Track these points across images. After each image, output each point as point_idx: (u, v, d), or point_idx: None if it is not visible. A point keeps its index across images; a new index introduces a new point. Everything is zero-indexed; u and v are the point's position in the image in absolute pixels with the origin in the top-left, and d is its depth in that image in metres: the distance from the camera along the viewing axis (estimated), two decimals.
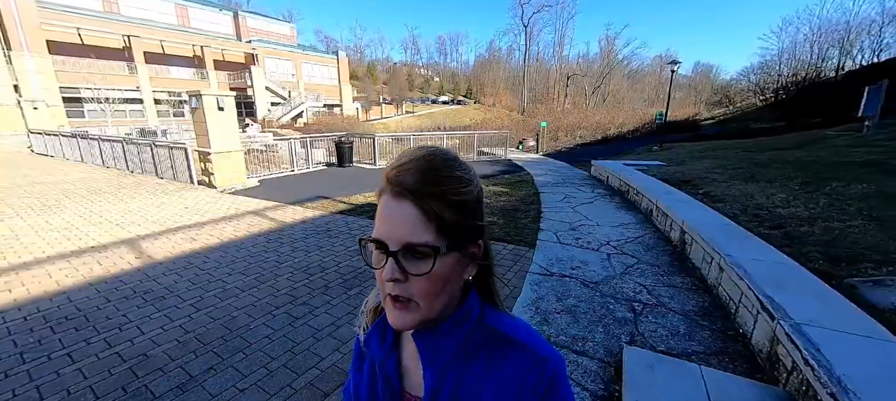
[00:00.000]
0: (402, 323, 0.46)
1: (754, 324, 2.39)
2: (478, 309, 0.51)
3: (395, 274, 0.43)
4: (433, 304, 0.45)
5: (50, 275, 3.55)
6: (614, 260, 3.86)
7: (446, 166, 0.45)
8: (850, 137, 7.89)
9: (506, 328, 0.50)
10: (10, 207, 6.15)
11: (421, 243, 0.42)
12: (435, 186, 0.43)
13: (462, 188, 0.45)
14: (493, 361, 0.48)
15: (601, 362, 2.28)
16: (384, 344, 0.55)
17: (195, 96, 7.34)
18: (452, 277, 0.46)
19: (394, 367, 0.54)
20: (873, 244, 2.98)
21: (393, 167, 0.45)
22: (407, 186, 0.42)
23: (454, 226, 0.44)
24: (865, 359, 1.74)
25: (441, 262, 0.43)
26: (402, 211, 0.43)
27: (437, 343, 0.49)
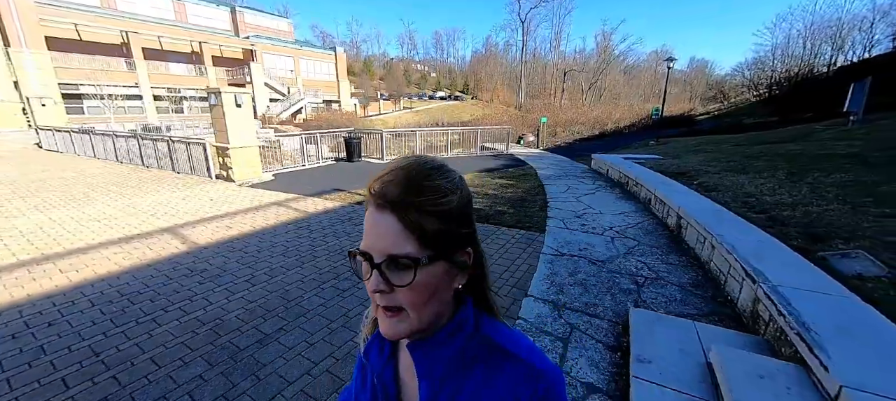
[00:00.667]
0: (393, 332, 0.46)
1: (740, 290, 2.82)
2: (473, 319, 0.51)
3: (379, 285, 0.43)
4: (421, 313, 0.45)
5: (108, 258, 3.91)
6: (617, 243, 4.28)
7: (428, 176, 0.45)
8: (835, 131, 8.38)
9: (502, 339, 0.50)
10: (43, 200, 6.46)
11: (402, 255, 0.42)
12: (416, 197, 0.43)
13: (443, 198, 0.45)
14: (489, 373, 0.48)
15: (611, 322, 2.69)
16: (382, 355, 0.56)
17: (214, 93, 7.64)
18: (440, 287, 0.46)
19: (391, 378, 0.54)
20: (844, 225, 3.42)
21: (376, 179, 0.46)
22: (388, 199, 0.43)
23: (437, 235, 0.44)
24: (826, 310, 2.16)
25: (424, 272, 0.43)
26: (385, 223, 0.43)
27: (432, 355, 0.49)
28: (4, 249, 4.18)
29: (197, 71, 33.95)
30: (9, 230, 4.82)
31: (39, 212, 5.72)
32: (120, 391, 2.05)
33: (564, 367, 2.25)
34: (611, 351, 2.39)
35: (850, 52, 30.06)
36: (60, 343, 2.47)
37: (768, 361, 1.99)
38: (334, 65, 45.17)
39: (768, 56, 34.32)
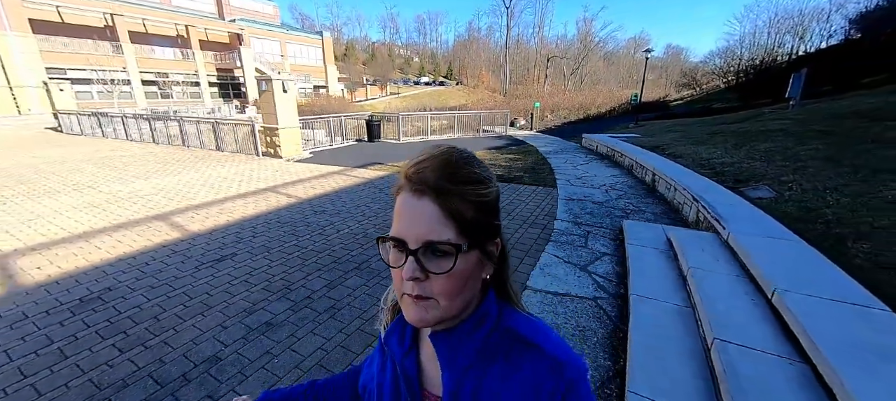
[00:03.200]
0: (420, 319, 0.45)
1: (690, 210, 4.47)
2: (496, 310, 0.51)
3: (415, 273, 0.43)
4: (453, 302, 0.45)
5: (249, 205, 5.24)
6: (610, 193, 5.92)
7: (466, 165, 0.45)
8: (777, 114, 10.31)
9: (524, 330, 0.49)
10: (141, 171, 7.52)
11: (442, 241, 0.42)
12: (455, 185, 0.43)
13: (482, 188, 0.45)
14: (511, 364, 0.47)
15: (611, 229, 4.29)
16: (403, 343, 0.55)
17: (265, 81, 8.77)
18: (472, 276, 0.46)
19: (413, 365, 0.54)
20: (759, 173, 5.14)
21: (412, 165, 0.45)
22: (428, 184, 0.43)
23: (474, 224, 0.44)
24: (732, 210, 3.81)
25: (462, 259, 0.43)
26: (423, 208, 0.43)
27: (456, 345, 0.49)
28: (165, 200, 5.45)
29: (183, 55, 33.52)
30: (140, 192, 5.99)
31: (143, 180, 6.85)
32: (304, 265, 3.48)
33: (588, 245, 3.84)
34: (613, 240, 3.99)
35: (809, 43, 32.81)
36: (264, 241, 3.84)
37: (700, 233, 3.64)
38: (321, 49, 45.08)
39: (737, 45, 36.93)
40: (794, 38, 33.18)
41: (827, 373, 1.68)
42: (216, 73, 35.22)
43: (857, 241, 3.00)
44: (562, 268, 3.39)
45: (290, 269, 3.40)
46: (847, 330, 1.88)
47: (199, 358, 2.23)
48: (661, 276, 2.99)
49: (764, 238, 3.07)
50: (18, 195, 5.85)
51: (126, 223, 4.58)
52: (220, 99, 35.27)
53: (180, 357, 2.24)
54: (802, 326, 1.93)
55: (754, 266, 2.66)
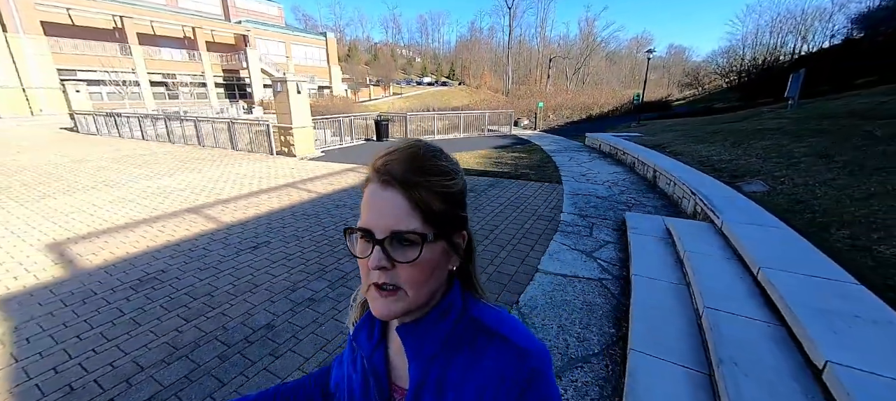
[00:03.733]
0: (387, 312, 0.46)
1: (689, 203, 4.78)
2: (461, 301, 0.52)
3: (381, 262, 0.44)
4: (420, 292, 0.46)
5: (274, 199, 5.57)
6: (613, 188, 6.23)
7: (432, 158, 0.46)
8: (775, 113, 10.58)
9: (489, 320, 0.50)
10: (164, 169, 7.88)
11: (409, 231, 0.43)
12: (422, 176, 0.44)
13: (447, 180, 0.46)
14: (476, 353, 0.48)
15: (614, 221, 4.60)
16: (371, 339, 0.56)
17: (279, 82, 9.11)
18: (438, 266, 0.47)
19: (381, 360, 0.55)
20: (754, 168, 5.44)
21: (380, 157, 0.47)
22: (394, 176, 0.44)
23: (440, 215, 0.45)
24: (727, 202, 4.11)
25: (428, 249, 0.44)
26: (391, 199, 0.44)
27: (422, 336, 0.50)
28: (193, 195, 5.80)
29: (190, 56, 33.95)
30: (168, 187, 6.34)
31: (168, 177, 7.21)
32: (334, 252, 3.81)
33: (593, 235, 4.15)
34: (615, 231, 4.30)
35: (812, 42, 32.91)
36: (294, 231, 4.17)
37: (697, 222, 3.95)
38: (325, 50, 45.50)
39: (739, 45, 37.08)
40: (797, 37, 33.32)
41: (798, 331, 2.00)
42: (222, 74, 35.68)
43: (839, 228, 3.31)
44: (569, 254, 3.71)
45: (321, 254, 3.72)
46: (820, 299, 2.19)
47: (255, 326, 2.56)
48: (660, 259, 3.30)
49: (754, 226, 3.37)
50: (56, 191, 6.21)
51: (162, 216, 4.92)
52: (227, 99, 35.71)
53: (239, 325, 2.57)
54: (781, 295, 2.24)
55: (743, 249, 2.97)
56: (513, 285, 3.10)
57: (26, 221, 4.71)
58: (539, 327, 2.53)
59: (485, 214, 4.92)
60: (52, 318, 2.67)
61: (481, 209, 5.13)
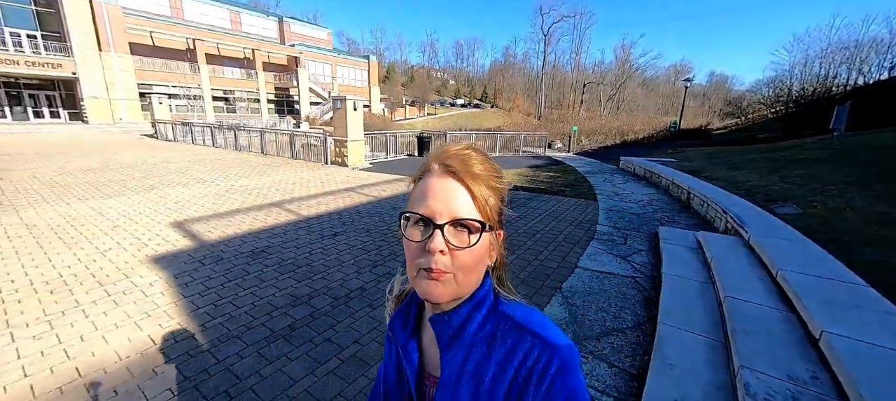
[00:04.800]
0: (437, 294, 0.48)
1: (721, 222, 5.11)
2: (492, 296, 0.55)
3: (442, 245, 0.46)
4: (468, 277, 0.49)
5: (340, 200, 6.42)
6: (647, 207, 6.59)
7: (486, 159, 0.52)
8: (818, 144, 10.46)
9: (519, 315, 0.53)
10: (232, 174, 9.09)
11: (469, 218, 0.47)
12: (480, 171, 0.49)
13: (499, 180, 0.51)
14: (505, 346, 0.50)
15: (647, 234, 5.01)
16: (406, 328, 0.59)
17: (339, 99, 10.24)
18: (484, 257, 0.51)
19: (415, 350, 0.58)
20: (789, 194, 5.67)
21: (440, 152, 0.52)
22: (455, 168, 0.48)
23: (492, 210, 0.50)
24: (759, 219, 4.45)
25: (484, 237, 0.48)
26: (452, 189, 0.48)
27: (453, 327, 0.52)
28: (270, 193, 6.78)
29: (247, 75, 37.20)
30: (248, 187, 7.40)
31: (245, 178, 8.34)
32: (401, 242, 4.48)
33: (627, 243, 4.60)
34: (648, 242, 4.72)
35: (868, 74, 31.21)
36: (363, 225, 4.90)
37: (726, 236, 4.31)
38: (367, 72, 48.31)
39: (786, 75, 35.79)
40: (850, 69, 31.72)
41: (803, 314, 2.42)
42: (274, 92, 38.77)
43: (862, 246, 3.60)
44: (606, 257, 4.19)
45: (390, 243, 4.43)
46: (827, 292, 2.59)
47: (351, 287, 3.26)
48: (689, 264, 3.72)
49: (780, 240, 3.73)
50: (159, 184, 7.41)
51: (252, 207, 5.86)
52: (276, 114, 38.65)
53: (338, 285, 3.27)
54: (793, 289, 2.66)
55: (766, 256, 3.36)
56: (555, 277, 3.62)
57: (147, 206, 5.78)
58: (580, 307, 3.05)
59: (526, 222, 5.47)
60: (196, 273, 3.50)
61: (523, 218, 5.69)
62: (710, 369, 2.17)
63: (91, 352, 2.35)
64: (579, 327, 2.75)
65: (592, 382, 2.19)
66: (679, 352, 2.32)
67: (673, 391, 1.98)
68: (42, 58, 24.42)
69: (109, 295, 3.05)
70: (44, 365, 2.23)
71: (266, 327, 2.66)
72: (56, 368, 2.21)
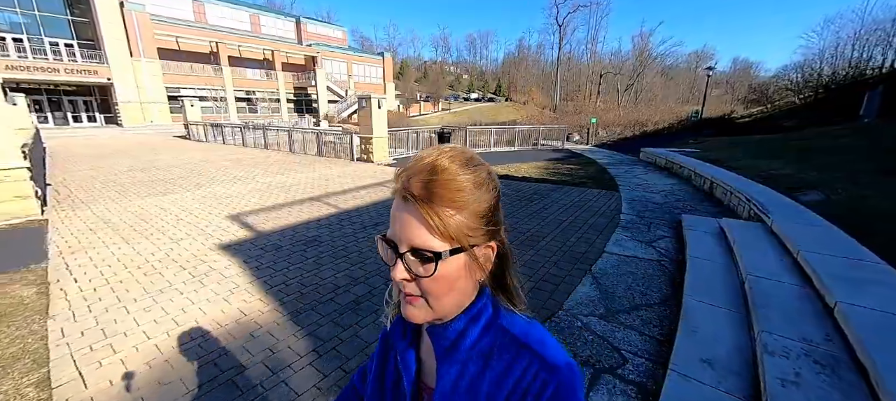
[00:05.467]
0: (413, 317, 0.49)
1: (744, 210, 5.26)
2: (491, 309, 0.53)
3: (404, 274, 0.46)
4: (441, 303, 0.48)
5: (367, 195, 6.83)
6: (669, 196, 6.76)
7: (455, 171, 0.45)
8: (847, 131, 10.27)
9: (518, 331, 0.51)
10: (267, 171, 9.65)
11: (425, 248, 0.44)
12: (441, 192, 0.44)
13: (469, 196, 0.46)
14: (502, 361, 0.50)
15: (670, 221, 5.22)
16: (405, 338, 0.59)
17: (364, 98, 10.66)
18: (461, 278, 0.48)
19: (413, 359, 0.58)
20: (811, 181, 5.75)
21: (403, 170, 0.47)
22: (413, 193, 0.44)
23: (459, 230, 0.45)
24: (781, 206, 4.60)
25: (444, 265, 0.45)
26: (409, 215, 0.45)
27: (449, 339, 0.52)
28: (307, 189, 7.26)
29: (267, 76, 38.19)
30: (285, 183, 7.90)
31: (281, 175, 8.87)
32: None
33: (651, 230, 4.83)
34: (671, 229, 4.94)
35: None
36: None
37: (748, 222, 4.50)
38: (382, 69, 48.83)
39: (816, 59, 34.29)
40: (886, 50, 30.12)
41: (820, 287, 2.65)
42: (293, 91, 39.72)
43: (883, 227, 3.75)
44: (631, 243, 4.44)
45: None
46: (844, 269, 2.80)
47: None
48: (712, 247, 3.95)
49: (802, 225, 3.91)
50: (204, 182, 8.00)
51: (294, 201, 6.34)
52: (296, 113, 39.63)
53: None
54: (813, 268, 2.88)
55: (787, 239, 3.56)
56: (584, 261, 3.91)
57: (199, 202, 6.33)
58: (610, 286, 3.34)
59: (553, 212, 5.75)
60: (262, 258, 3.95)
61: (549, 208, 5.96)
62: (733, 335, 2.44)
63: (195, 320, 2.80)
64: (610, 303, 3.05)
65: (625, 346, 2.49)
66: (703, 321, 2.60)
67: (699, 351, 2.27)
68: (79, 65, 25.84)
69: (194, 277, 3.52)
70: (159, 330, 2.68)
71: (334, 301, 3.06)
72: (170, 332, 2.66)
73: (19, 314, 2.88)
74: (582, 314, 2.88)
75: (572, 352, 2.43)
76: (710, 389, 1.98)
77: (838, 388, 1.82)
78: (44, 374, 2.26)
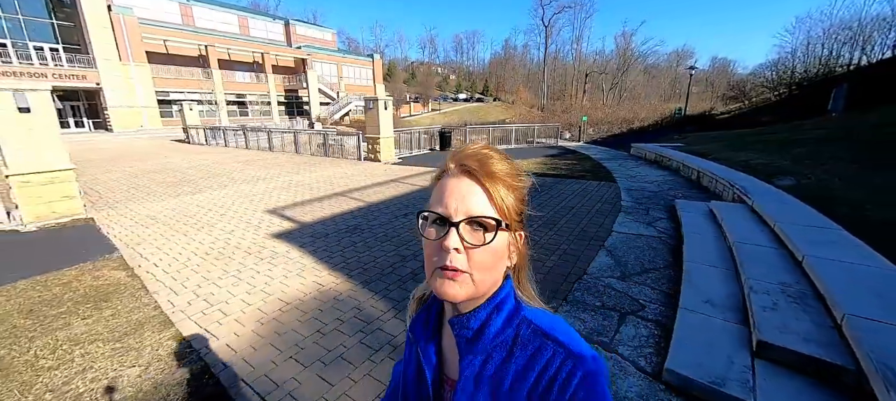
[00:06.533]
0: (451, 293, 0.49)
1: (728, 195, 5.99)
2: (514, 300, 0.54)
3: (456, 243, 0.47)
4: (484, 278, 0.49)
5: (381, 192, 7.34)
6: (661, 185, 7.48)
7: (505, 159, 0.51)
8: (816, 125, 11.27)
9: (543, 323, 0.52)
10: (282, 171, 10.03)
11: (486, 216, 0.47)
12: (496, 170, 0.49)
13: (518, 180, 0.51)
14: (526, 352, 0.50)
15: (665, 206, 5.91)
16: (427, 330, 0.60)
17: (372, 100, 11.14)
18: (502, 257, 0.51)
19: (434, 352, 0.59)
20: (784, 169, 6.54)
21: (458, 152, 0.52)
22: (472, 168, 0.49)
23: (510, 209, 0.49)
24: (760, 190, 5.33)
25: (500, 237, 0.48)
26: (468, 188, 0.48)
27: (473, 329, 0.52)
28: (327, 186, 7.71)
29: (257, 78, 38.04)
30: (304, 181, 8.33)
31: (295, 175, 9.28)
32: None
33: (649, 213, 5.50)
34: (667, 212, 5.62)
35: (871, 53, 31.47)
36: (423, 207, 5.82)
37: (733, 204, 5.21)
38: (372, 70, 49.08)
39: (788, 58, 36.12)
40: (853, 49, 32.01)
41: (791, 247, 3.33)
42: (284, 94, 39.67)
43: (844, 204, 4.49)
44: (634, 224, 5.09)
45: None
46: (810, 234, 3.49)
47: None
48: (704, 224, 4.63)
49: (777, 203, 4.63)
50: (227, 182, 8.37)
51: (322, 197, 6.81)
52: (286, 116, 39.58)
53: None
54: (786, 233, 3.56)
55: (765, 214, 4.26)
56: (596, 239, 4.53)
57: (232, 200, 6.74)
58: (621, 256, 3.96)
59: (560, 200, 6.38)
60: (315, 244, 4.44)
61: (556, 197, 6.59)
62: (725, 285, 3.08)
63: (281, 290, 3.30)
64: (624, 269, 3.67)
65: (642, 297, 3.11)
66: (702, 277, 3.24)
67: (700, 296, 2.90)
68: (67, 70, 25.44)
69: (262, 260, 4.00)
70: (255, 299, 3.18)
71: (395, 273, 3.60)
72: (265, 300, 3.16)
73: (125, 291, 3.33)
74: (603, 277, 3.50)
75: (601, 303, 3.03)
76: (711, 318, 2.60)
77: (804, 310, 2.46)
78: (174, 332, 2.74)
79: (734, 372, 2.06)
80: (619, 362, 2.32)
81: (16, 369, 2.35)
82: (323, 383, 2.20)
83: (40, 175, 5.39)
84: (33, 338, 2.67)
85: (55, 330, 2.76)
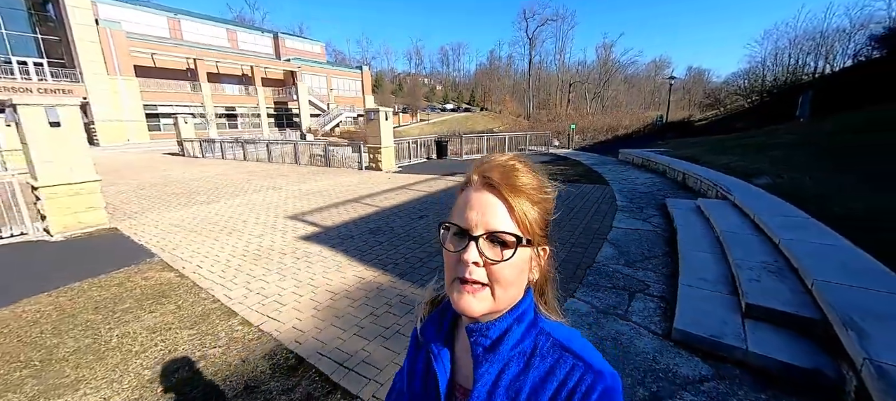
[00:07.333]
0: (470, 308, 0.48)
1: (712, 193, 6.60)
2: (533, 313, 0.54)
3: (476, 257, 0.47)
4: (505, 291, 0.49)
5: (389, 198, 7.71)
6: (651, 187, 8.09)
7: (531, 171, 0.51)
8: (787, 130, 12.23)
9: (561, 336, 0.52)
10: (289, 181, 10.28)
11: (507, 231, 0.47)
12: (520, 184, 0.48)
13: (543, 194, 0.50)
14: (545, 363, 0.50)
15: (657, 204, 6.47)
16: (440, 334, 0.59)
17: (373, 111, 11.55)
18: (524, 271, 0.51)
19: (448, 358, 0.57)
20: (763, 170, 7.22)
21: (483, 163, 0.51)
22: (495, 181, 0.48)
23: (533, 224, 0.49)
24: (740, 189, 5.95)
25: (521, 252, 0.48)
26: (492, 202, 0.48)
27: (490, 338, 0.51)
28: (336, 193, 8.02)
29: (246, 91, 37.98)
30: (313, 190, 8.62)
31: (302, 184, 9.55)
32: None
33: (643, 212, 6.04)
34: (658, 210, 6.18)
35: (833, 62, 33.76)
36: (434, 212, 6.21)
37: (719, 201, 5.81)
38: (361, 82, 49.54)
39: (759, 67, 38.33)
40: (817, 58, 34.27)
41: (769, 233, 3.87)
42: (274, 106, 39.67)
43: (812, 198, 5.11)
44: (631, 220, 5.62)
45: None
46: (785, 223, 4.05)
47: None
48: (693, 218, 5.18)
49: (756, 199, 5.22)
50: (238, 192, 8.60)
51: (338, 203, 7.14)
52: (276, 128, 39.52)
53: None
54: (765, 222, 4.11)
55: (746, 208, 4.83)
56: (600, 233, 5.02)
57: (248, 208, 7.00)
58: (624, 247, 4.45)
59: (562, 201, 6.77)
60: (345, 244, 4.79)
61: (557, 199, 7.06)
62: (716, 266, 3.59)
63: (327, 284, 3.65)
64: (628, 257, 4.15)
65: (646, 279, 3.58)
66: (696, 261, 3.74)
67: (696, 274, 3.39)
68: (52, 84, 25.02)
69: (299, 259, 4.33)
70: (304, 291, 3.51)
71: (426, 266, 3.99)
72: (314, 291, 3.50)
73: (180, 288, 3.62)
74: (610, 264, 3.96)
75: (612, 284, 3.49)
76: (706, 291, 3.09)
77: (782, 281, 2.97)
78: (240, 319, 3.06)
79: (729, 328, 2.53)
80: (635, 327, 2.77)
81: (108, 354, 2.64)
82: (388, 352, 2.57)
83: (67, 187, 5.59)
84: (111, 328, 2.95)
85: (128, 322, 3.05)
